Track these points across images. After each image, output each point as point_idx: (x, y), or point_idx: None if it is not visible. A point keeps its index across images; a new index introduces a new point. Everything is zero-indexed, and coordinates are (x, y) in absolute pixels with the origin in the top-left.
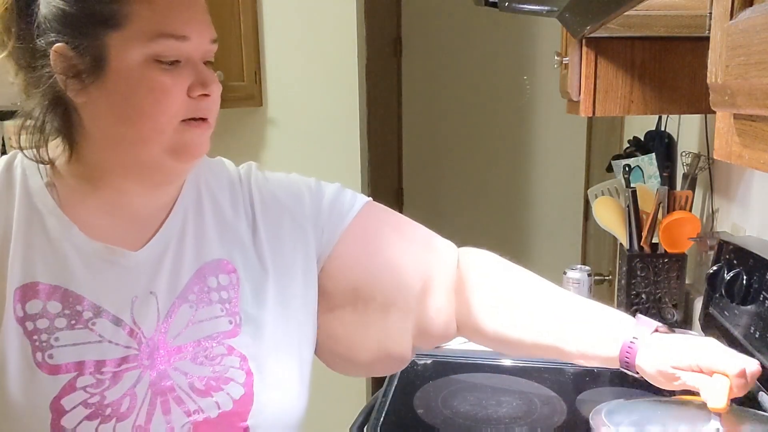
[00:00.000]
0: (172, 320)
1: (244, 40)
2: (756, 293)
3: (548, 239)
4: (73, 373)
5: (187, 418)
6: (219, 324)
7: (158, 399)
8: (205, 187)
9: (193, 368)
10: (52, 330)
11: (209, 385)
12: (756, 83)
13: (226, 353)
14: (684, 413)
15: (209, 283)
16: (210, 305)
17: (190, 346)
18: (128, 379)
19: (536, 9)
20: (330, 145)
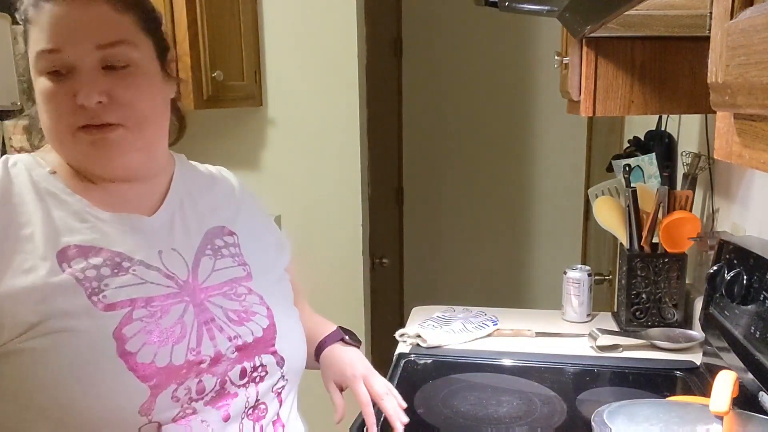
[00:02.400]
0: (199, 268)
1: (244, 40)
2: (756, 293)
3: (548, 239)
4: (128, 308)
5: (229, 342)
6: (235, 271)
7: (203, 327)
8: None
9: (225, 302)
10: (100, 278)
11: (241, 317)
12: (756, 83)
13: (247, 293)
14: (686, 415)
15: (217, 242)
16: (224, 258)
17: (218, 287)
18: (175, 311)
19: (536, 9)
20: (330, 144)
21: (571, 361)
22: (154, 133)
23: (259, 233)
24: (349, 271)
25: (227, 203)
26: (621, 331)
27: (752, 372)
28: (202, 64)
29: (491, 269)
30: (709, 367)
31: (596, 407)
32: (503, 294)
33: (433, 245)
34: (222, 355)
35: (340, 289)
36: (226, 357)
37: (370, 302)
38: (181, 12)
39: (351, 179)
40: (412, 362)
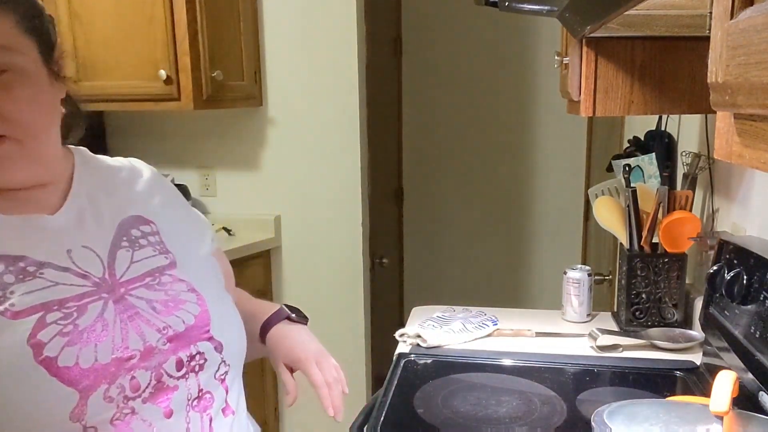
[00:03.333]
0: (115, 263)
1: (244, 40)
2: (756, 293)
3: (548, 239)
4: (40, 312)
5: (159, 333)
6: (157, 260)
7: (128, 322)
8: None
9: (149, 294)
10: (3, 286)
11: (168, 306)
12: (756, 83)
13: (173, 281)
14: (686, 415)
15: (133, 233)
16: (143, 248)
17: (139, 279)
18: (93, 309)
19: (536, 9)
20: (330, 145)
21: (571, 361)
22: (44, 140)
23: (178, 220)
24: (349, 271)
25: (141, 193)
26: (621, 331)
27: (752, 372)
28: (202, 64)
29: (491, 269)
30: (709, 367)
31: (596, 407)
32: (503, 294)
33: (433, 245)
34: (153, 347)
35: (340, 289)
36: (158, 349)
37: (370, 302)
38: (181, 12)
39: (351, 179)
40: (412, 362)
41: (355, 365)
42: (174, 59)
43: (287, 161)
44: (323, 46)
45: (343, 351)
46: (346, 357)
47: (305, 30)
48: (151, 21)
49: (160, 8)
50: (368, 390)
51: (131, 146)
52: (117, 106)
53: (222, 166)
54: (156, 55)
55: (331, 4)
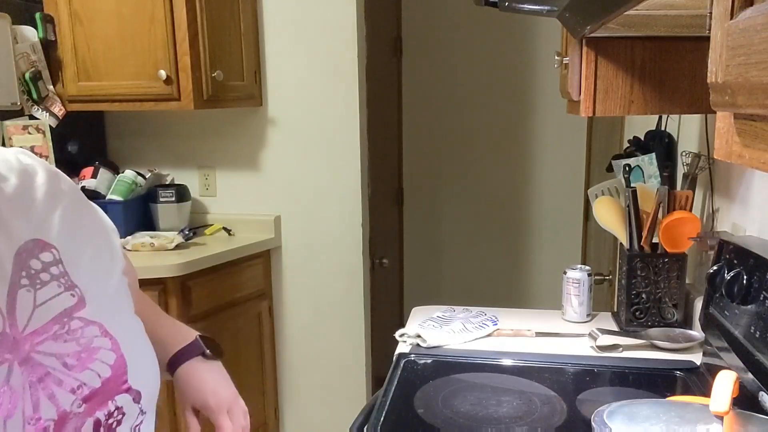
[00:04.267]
0: (17, 310)
1: (244, 40)
2: (756, 293)
3: (548, 239)
4: None
5: (73, 395)
6: (63, 300)
7: (38, 386)
8: None
9: (58, 347)
10: None
11: (81, 359)
12: (756, 83)
13: (83, 326)
14: (686, 415)
15: (33, 265)
16: (45, 286)
17: (45, 329)
18: (0, 371)
19: (536, 9)
20: (330, 145)
21: (571, 361)
22: None
23: (84, 236)
24: (349, 272)
25: (38, 206)
26: (621, 331)
27: (752, 372)
28: (202, 64)
29: (491, 269)
30: (709, 367)
31: (596, 407)
32: (503, 294)
33: (433, 245)
34: (68, 413)
35: (340, 290)
36: (73, 413)
37: (370, 302)
38: (181, 12)
39: (351, 179)
40: (412, 362)
41: (355, 365)
42: (174, 59)
43: (287, 161)
44: (323, 46)
45: (343, 351)
46: (346, 357)
47: (305, 30)
48: (151, 21)
49: (161, 8)
50: (368, 390)
51: (132, 146)
52: (117, 106)
53: (222, 166)
54: (156, 56)
55: (331, 4)
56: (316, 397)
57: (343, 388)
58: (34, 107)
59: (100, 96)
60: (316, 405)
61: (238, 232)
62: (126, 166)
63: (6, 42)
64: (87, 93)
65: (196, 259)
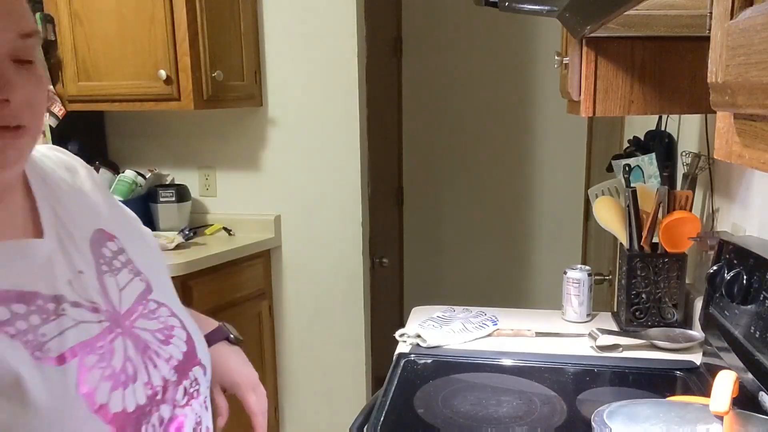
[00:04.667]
0: (108, 291)
1: (244, 40)
2: (756, 293)
3: (548, 239)
4: (77, 356)
5: (168, 365)
6: (136, 286)
7: (145, 356)
8: (42, 171)
9: (148, 323)
10: (33, 329)
11: (165, 335)
12: (756, 83)
13: (157, 307)
14: (686, 415)
15: (105, 253)
16: (120, 272)
17: (134, 309)
18: (119, 348)
19: (536, 9)
20: (330, 145)
21: (571, 361)
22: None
23: (128, 225)
24: (349, 271)
25: (90, 198)
26: (621, 331)
27: (752, 372)
28: (202, 64)
29: (491, 269)
30: (709, 367)
31: (596, 407)
32: (503, 294)
33: (433, 245)
34: (167, 381)
35: (341, 289)
36: (170, 382)
37: (370, 302)
38: (181, 12)
39: (351, 179)
40: (412, 362)
41: (355, 365)
42: (174, 59)
43: (287, 161)
44: (323, 46)
45: (343, 351)
46: (346, 357)
47: (305, 30)
48: (151, 21)
49: (161, 9)
50: (368, 390)
51: (132, 146)
52: (117, 106)
53: (222, 166)
54: (156, 56)
55: (331, 4)
56: (316, 397)
57: (343, 388)
58: None
59: (100, 96)
60: (316, 405)
61: (238, 232)
62: (126, 166)
63: None
64: (87, 93)
65: (197, 259)
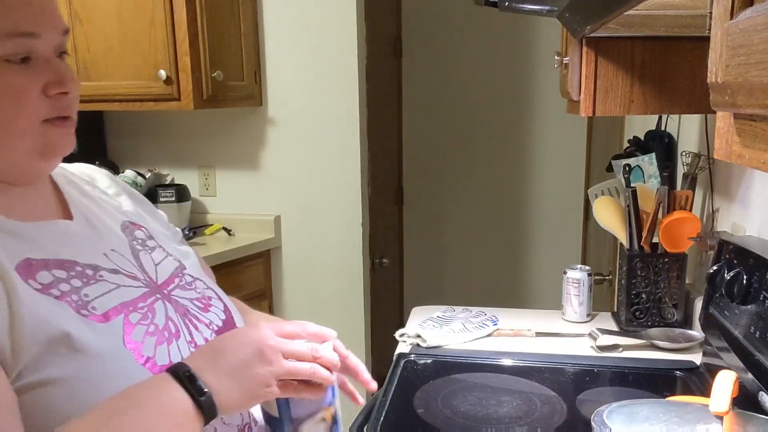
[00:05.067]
0: (145, 265)
1: (244, 40)
2: (756, 293)
3: (548, 239)
4: (121, 314)
5: (209, 329)
6: (170, 263)
7: (186, 319)
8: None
9: (186, 293)
10: (76, 290)
11: (204, 303)
12: (756, 83)
13: (193, 280)
14: (686, 415)
15: (137, 235)
16: (153, 251)
17: (170, 280)
18: (160, 310)
19: (536, 9)
20: (330, 145)
21: (571, 361)
22: None
23: (148, 214)
24: (349, 271)
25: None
26: (621, 331)
27: (752, 372)
28: (202, 64)
29: (491, 269)
30: (709, 367)
31: (596, 407)
32: (503, 294)
33: (433, 245)
34: (209, 341)
35: (340, 289)
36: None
37: (369, 302)
38: (181, 12)
39: (351, 179)
40: (412, 362)
41: None
42: (174, 59)
43: (287, 161)
44: (323, 46)
45: None
46: None
47: (305, 30)
48: (151, 21)
49: (161, 9)
50: None
51: (131, 146)
52: (117, 107)
53: (222, 166)
54: (156, 56)
55: (330, 4)
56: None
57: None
58: None
59: (100, 96)
60: None
61: (237, 232)
62: (126, 166)
63: None
64: (87, 93)
65: None
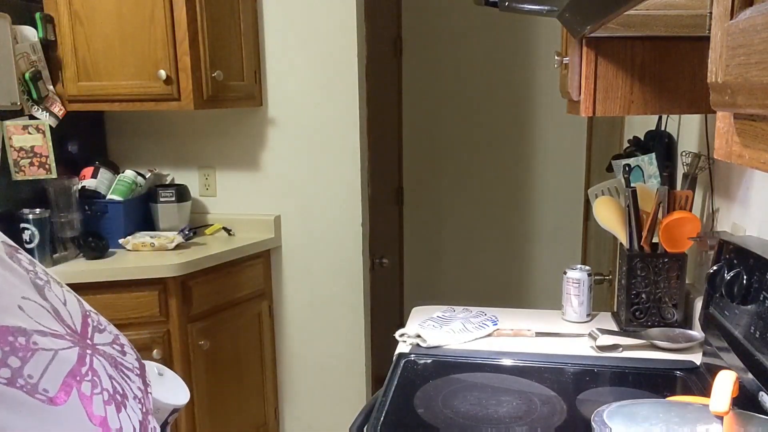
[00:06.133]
0: (59, 311)
1: (244, 40)
2: (756, 293)
3: (548, 239)
4: (72, 388)
5: (136, 374)
6: (71, 299)
7: (120, 373)
8: None
9: (103, 337)
10: (17, 372)
11: (119, 345)
12: (756, 83)
13: (97, 317)
14: (686, 415)
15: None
16: (51, 285)
17: (85, 323)
18: (99, 368)
19: (536, 9)
20: (330, 145)
21: (571, 361)
22: None
23: None
24: (349, 271)
25: None
26: (621, 331)
27: (752, 372)
28: (202, 64)
29: (491, 269)
30: (709, 367)
31: (596, 407)
32: (503, 294)
33: (433, 245)
34: (142, 390)
35: (340, 289)
36: (143, 391)
37: (369, 302)
38: (181, 12)
39: (351, 179)
40: (412, 362)
41: (355, 365)
42: (174, 59)
43: (287, 161)
44: (323, 46)
45: (342, 351)
46: (345, 357)
47: (305, 30)
48: (151, 21)
49: (160, 8)
50: (368, 390)
51: (131, 146)
52: (117, 106)
53: (222, 166)
54: (156, 56)
55: (331, 4)
56: (316, 397)
57: (342, 388)
58: (34, 107)
59: (100, 96)
60: (316, 405)
61: (238, 231)
62: (126, 166)
63: (6, 42)
64: (87, 93)
65: (196, 259)
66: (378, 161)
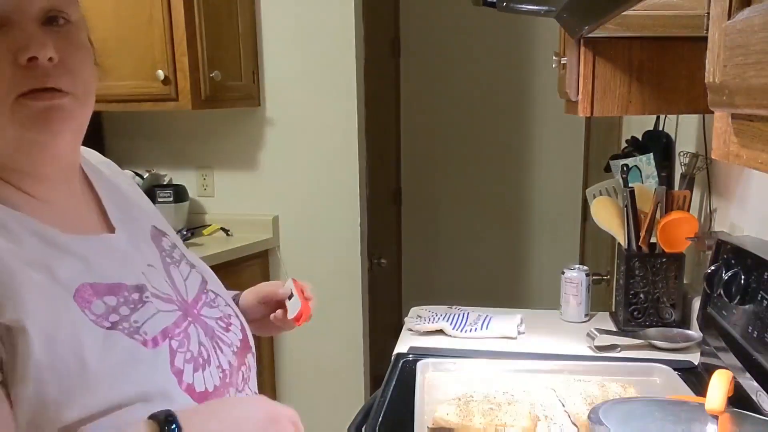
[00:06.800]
0: (176, 283)
1: (242, 40)
2: (754, 293)
3: (547, 239)
4: (165, 341)
5: (231, 350)
6: (195, 278)
7: (213, 342)
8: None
9: (211, 312)
10: (125, 318)
11: (225, 323)
12: (754, 83)
13: (215, 296)
14: (681, 413)
15: (164, 245)
16: (180, 264)
17: (198, 297)
18: (193, 334)
19: (534, 9)
20: (329, 145)
21: (569, 361)
22: (89, 112)
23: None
24: (348, 272)
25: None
26: (619, 331)
27: (750, 371)
28: (200, 65)
29: (489, 269)
30: (707, 366)
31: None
32: (502, 294)
33: (432, 245)
34: (231, 365)
35: (339, 290)
36: (232, 365)
37: (368, 302)
38: (179, 12)
39: (349, 179)
40: (410, 362)
41: (353, 365)
42: (172, 60)
43: (285, 161)
44: (321, 47)
45: (341, 351)
46: (344, 357)
47: (303, 30)
48: (149, 21)
49: (159, 9)
50: (366, 390)
51: (129, 146)
52: (115, 107)
53: (220, 166)
54: (154, 56)
55: (329, 4)
56: (314, 397)
57: (341, 388)
58: None
59: (98, 96)
60: (314, 405)
61: (236, 232)
62: (124, 166)
63: None
64: None
65: None
66: (376, 162)
